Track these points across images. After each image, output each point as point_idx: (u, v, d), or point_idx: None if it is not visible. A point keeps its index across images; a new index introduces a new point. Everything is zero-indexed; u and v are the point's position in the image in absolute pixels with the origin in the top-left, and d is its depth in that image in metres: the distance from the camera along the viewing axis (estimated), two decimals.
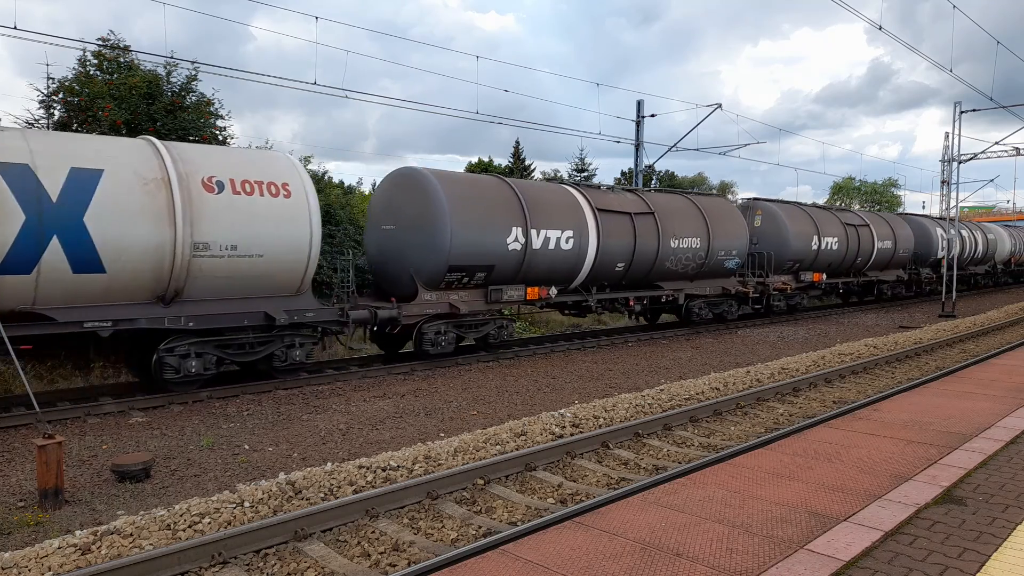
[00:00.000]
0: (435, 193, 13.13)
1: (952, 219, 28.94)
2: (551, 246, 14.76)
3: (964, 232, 34.00)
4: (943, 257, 29.40)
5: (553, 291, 15.29)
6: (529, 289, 14.68)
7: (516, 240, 14.09)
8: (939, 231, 30.91)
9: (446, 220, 12.96)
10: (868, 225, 26.44)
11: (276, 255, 10.95)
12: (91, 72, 15.18)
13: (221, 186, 10.44)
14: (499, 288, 14.19)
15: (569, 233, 15.05)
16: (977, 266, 37.08)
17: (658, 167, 37.01)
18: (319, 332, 12.18)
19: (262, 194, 10.84)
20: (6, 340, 7.92)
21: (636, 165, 25.76)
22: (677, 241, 17.75)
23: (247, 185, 10.71)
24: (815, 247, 23.10)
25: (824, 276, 24.35)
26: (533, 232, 14.34)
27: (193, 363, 10.50)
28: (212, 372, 10.77)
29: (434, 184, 13.23)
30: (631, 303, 17.64)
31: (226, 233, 10.38)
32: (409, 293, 13.46)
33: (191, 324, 10.39)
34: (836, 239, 24.19)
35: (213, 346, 10.71)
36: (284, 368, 11.61)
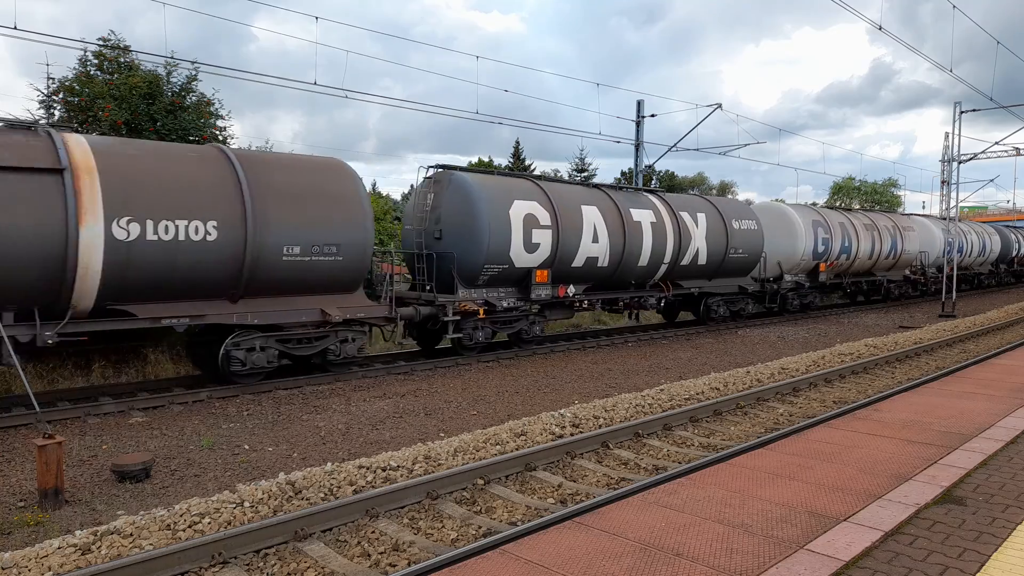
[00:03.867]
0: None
1: (952, 219, 28.92)
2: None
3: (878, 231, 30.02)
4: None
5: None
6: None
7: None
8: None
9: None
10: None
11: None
12: (91, 72, 15.18)
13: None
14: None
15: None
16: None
17: (658, 167, 37.04)
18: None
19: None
20: (6, 340, 7.92)
21: (636, 165, 25.76)
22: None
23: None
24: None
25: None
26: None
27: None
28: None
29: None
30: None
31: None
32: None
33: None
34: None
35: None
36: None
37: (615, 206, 16.55)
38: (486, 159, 39.00)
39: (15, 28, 11.42)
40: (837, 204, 51.00)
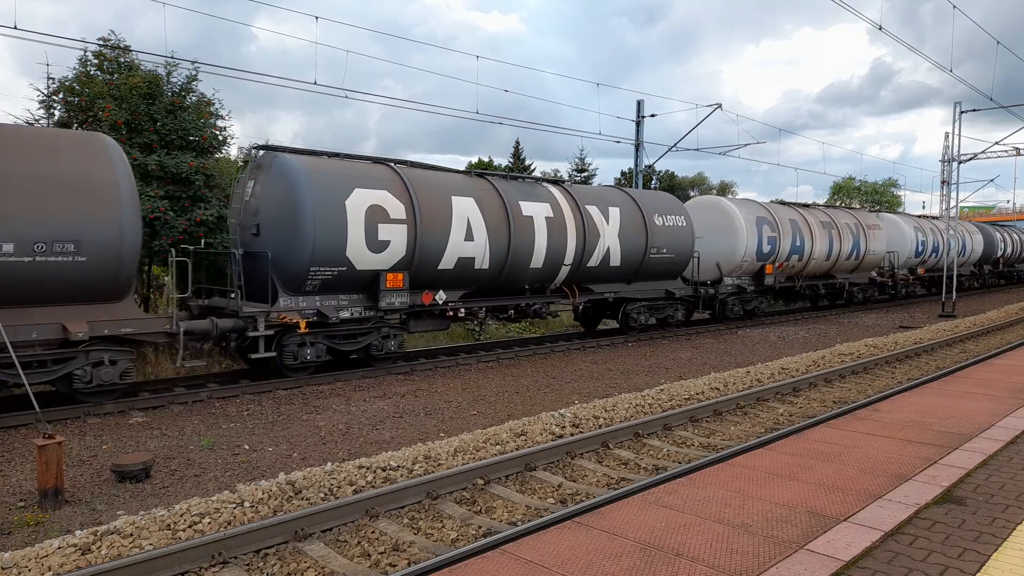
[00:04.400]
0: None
1: (952, 219, 28.91)
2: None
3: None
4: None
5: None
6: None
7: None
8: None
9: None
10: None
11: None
12: (91, 72, 15.17)
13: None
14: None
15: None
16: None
17: (658, 167, 37.02)
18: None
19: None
20: (6, 340, 7.92)
21: (636, 165, 25.76)
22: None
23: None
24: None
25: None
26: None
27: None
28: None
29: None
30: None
31: None
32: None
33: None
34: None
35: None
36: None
37: (499, 198, 14.03)
38: (486, 159, 39.01)
39: (15, 28, 11.43)
40: (837, 204, 50.88)
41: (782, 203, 24.24)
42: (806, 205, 24.56)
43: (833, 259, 24.12)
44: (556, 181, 16.42)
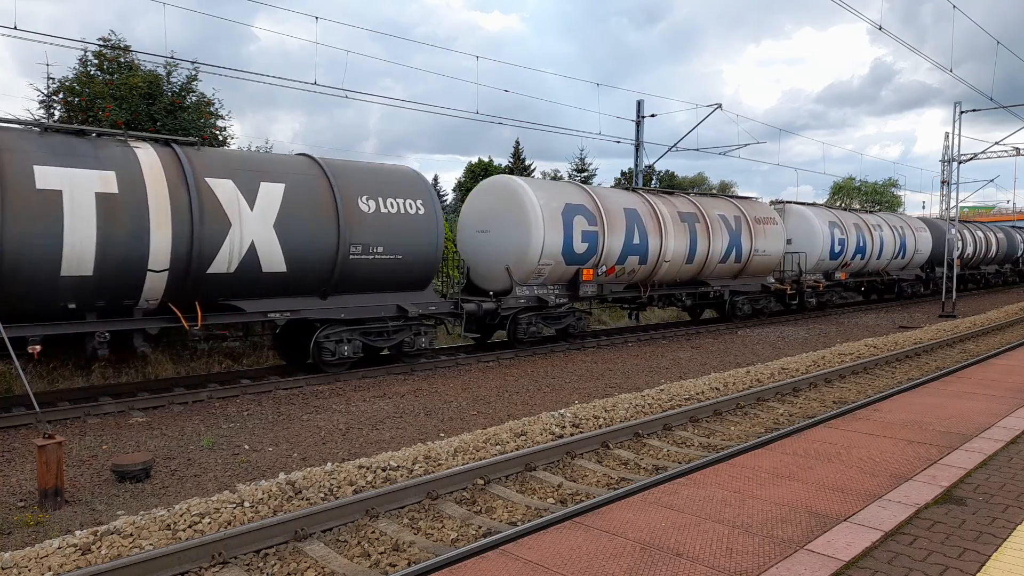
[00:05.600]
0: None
1: (952, 219, 28.90)
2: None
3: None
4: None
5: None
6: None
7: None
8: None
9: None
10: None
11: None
12: (92, 72, 15.18)
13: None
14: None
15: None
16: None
17: (658, 167, 37.04)
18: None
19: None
20: (6, 340, 7.92)
21: (636, 165, 25.76)
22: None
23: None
24: None
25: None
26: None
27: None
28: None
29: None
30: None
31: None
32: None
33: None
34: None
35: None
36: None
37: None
38: (486, 159, 38.96)
39: (15, 28, 11.43)
40: (837, 204, 50.66)
41: (623, 187, 20.03)
42: (667, 192, 19.59)
43: (700, 261, 18.80)
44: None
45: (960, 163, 27.23)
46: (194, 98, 15.83)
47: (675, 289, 19.05)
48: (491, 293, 15.23)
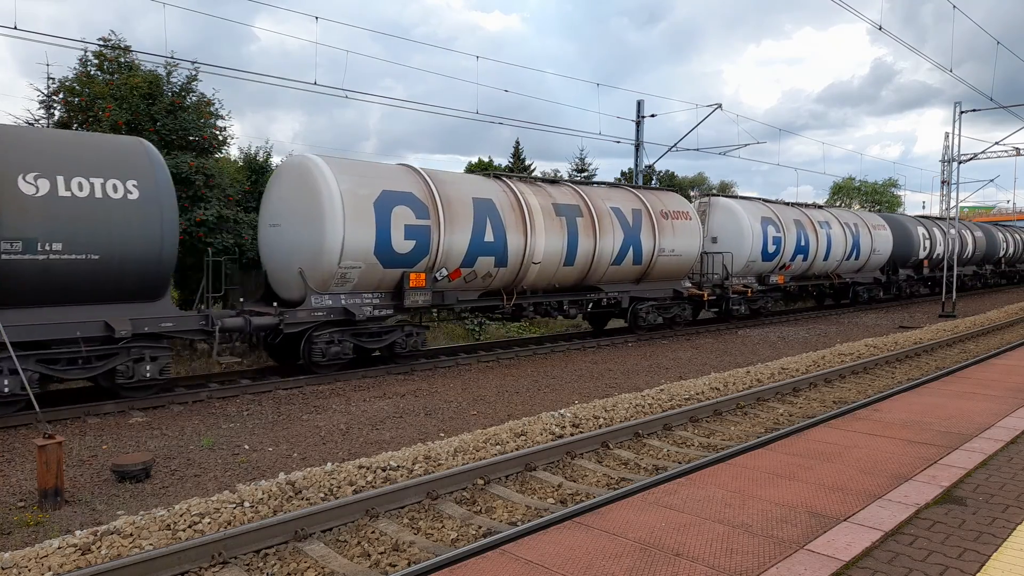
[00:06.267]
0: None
1: (952, 219, 28.91)
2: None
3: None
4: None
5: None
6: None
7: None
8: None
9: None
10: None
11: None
12: (92, 72, 15.18)
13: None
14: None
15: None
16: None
17: (658, 167, 37.00)
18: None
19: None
20: (6, 340, 7.92)
21: (636, 165, 25.77)
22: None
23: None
24: None
25: None
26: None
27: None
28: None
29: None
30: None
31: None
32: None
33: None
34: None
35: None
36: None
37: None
38: (486, 159, 38.94)
39: (15, 28, 11.43)
40: (838, 204, 50.58)
41: (482, 174, 15.94)
42: (547, 181, 16.47)
43: (584, 263, 15.64)
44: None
45: (960, 163, 27.25)
46: (194, 98, 15.83)
47: (554, 296, 15.60)
48: (275, 304, 12.38)
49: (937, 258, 30.77)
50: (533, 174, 37.98)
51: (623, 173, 43.13)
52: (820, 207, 25.29)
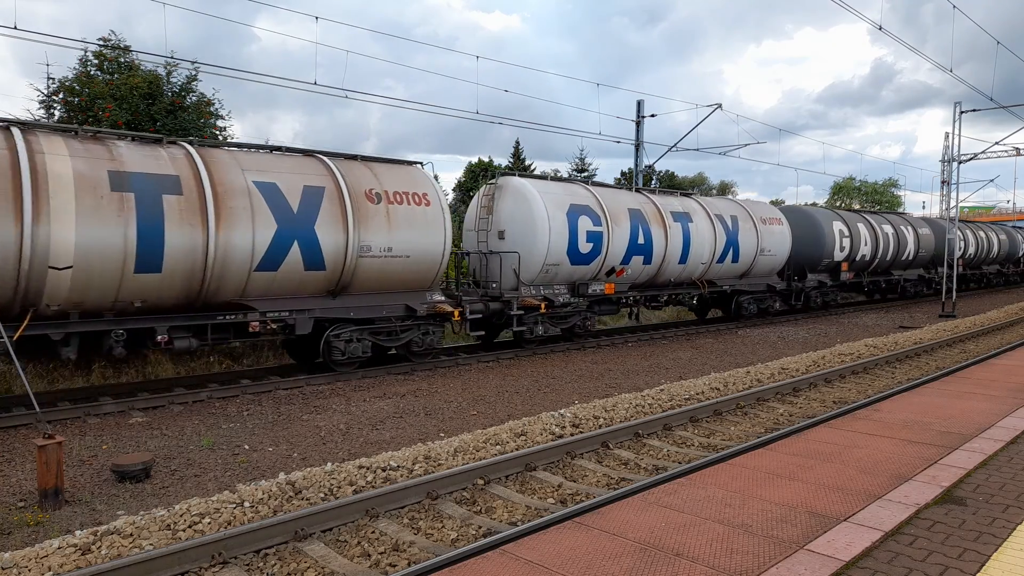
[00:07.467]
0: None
1: (952, 219, 28.87)
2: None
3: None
4: None
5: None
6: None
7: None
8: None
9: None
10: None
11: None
12: (92, 72, 15.19)
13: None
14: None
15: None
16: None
17: (658, 167, 36.99)
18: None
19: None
20: (6, 340, 7.92)
21: (636, 165, 25.76)
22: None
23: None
24: None
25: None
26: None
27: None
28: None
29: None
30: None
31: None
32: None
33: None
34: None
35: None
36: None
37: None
38: (486, 159, 38.92)
39: (15, 28, 11.42)
40: (838, 204, 50.53)
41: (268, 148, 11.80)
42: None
43: (199, 269, 10.15)
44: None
45: (960, 163, 27.25)
46: (194, 98, 15.84)
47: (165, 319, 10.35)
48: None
49: (863, 260, 25.36)
50: (533, 173, 37.80)
51: (623, 173, 43.11)
52: (688, 195, 19.92)
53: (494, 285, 14.96)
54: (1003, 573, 4.02)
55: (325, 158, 12.18)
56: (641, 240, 16.85)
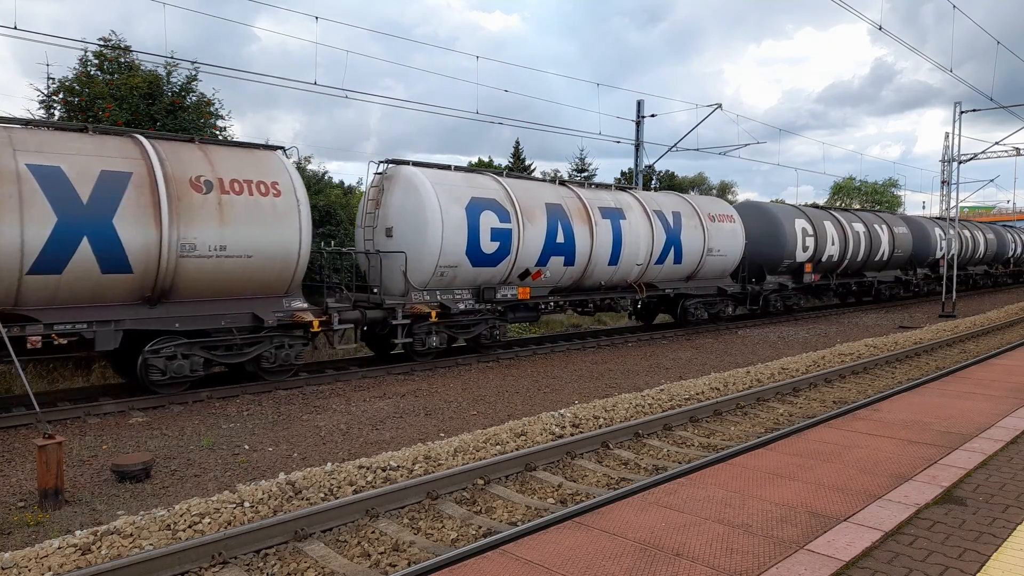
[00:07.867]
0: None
1: (952, 219, 28.87)
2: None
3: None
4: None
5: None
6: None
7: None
8: None
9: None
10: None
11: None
12: (92, 72, 15.19)
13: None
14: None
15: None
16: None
17: (658, 167, 36.93)
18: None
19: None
20: (6, 340, 7.91)
21: (636, 165, 25.76)
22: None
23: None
24: None
25: None
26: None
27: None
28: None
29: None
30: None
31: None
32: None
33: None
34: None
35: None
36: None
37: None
38: (486, 159, 38.93)
39: (15, 28, 11.42)
40: (838, 204, 50.58)
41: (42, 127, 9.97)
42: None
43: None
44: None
45: (960, 163, 27.25)
46: (194, 98, 15.84)
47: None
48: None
49: (830, 261, 23.37)
50: (534, 174, 37.86)
51: (623, 173, 43.11)
52: (624, 189, 18.03)
53: (376, 290, 13.14)
54: (1003, 573, 4.02)
55: (143, 139, 10.23)
56: (561, 239, 14.89)
